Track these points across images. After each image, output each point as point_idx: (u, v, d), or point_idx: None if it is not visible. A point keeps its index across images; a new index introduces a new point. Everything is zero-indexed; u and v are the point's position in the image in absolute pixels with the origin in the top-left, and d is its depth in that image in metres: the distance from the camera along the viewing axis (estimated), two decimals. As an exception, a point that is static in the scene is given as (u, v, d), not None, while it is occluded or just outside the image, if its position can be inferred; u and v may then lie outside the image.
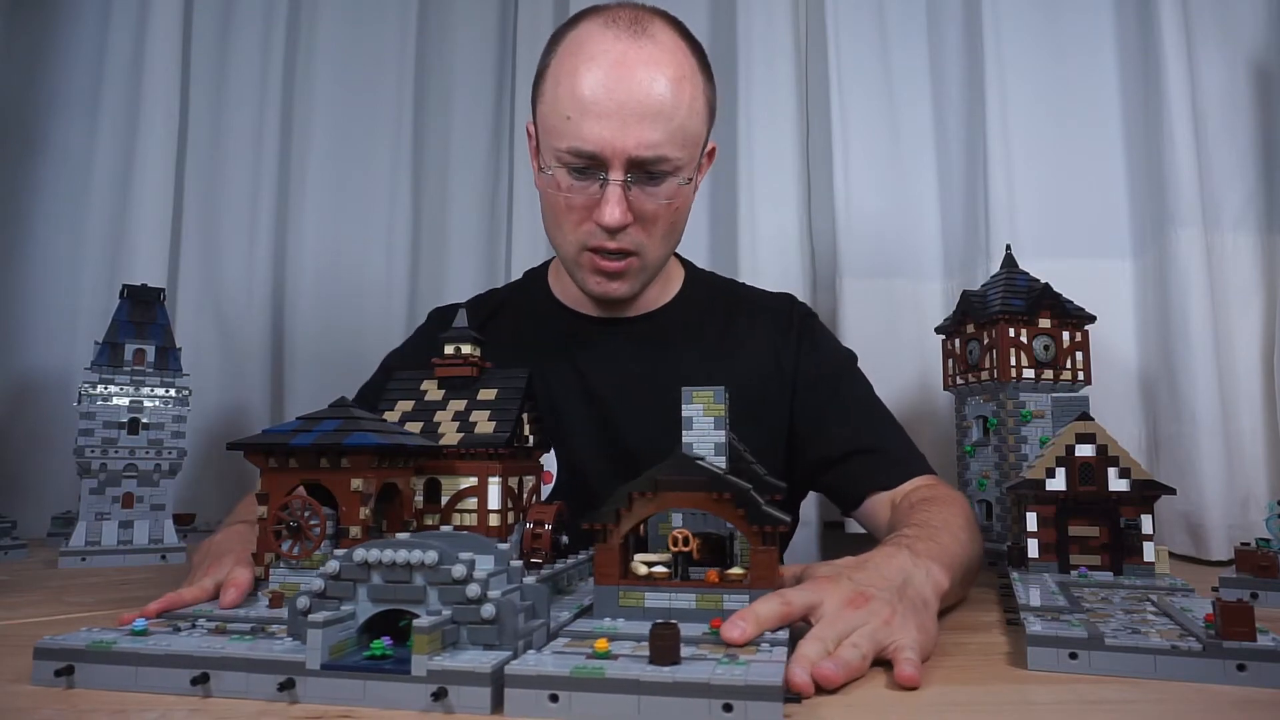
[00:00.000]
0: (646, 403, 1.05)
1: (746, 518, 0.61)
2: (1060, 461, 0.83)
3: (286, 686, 0.51)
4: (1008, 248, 1.32)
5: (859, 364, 1.20)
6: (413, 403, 0.82)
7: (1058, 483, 0.83)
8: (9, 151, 1.68)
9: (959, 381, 1.28)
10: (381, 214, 1.81)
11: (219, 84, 1.77)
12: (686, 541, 0.63)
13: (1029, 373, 1.18)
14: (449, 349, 0.83)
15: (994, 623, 0.77)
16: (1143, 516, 0.82)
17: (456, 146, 1.90)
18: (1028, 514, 0.85)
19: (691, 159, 1.01)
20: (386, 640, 0.53)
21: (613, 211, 0.96)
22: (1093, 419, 0.87)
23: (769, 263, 1.60)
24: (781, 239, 1.62)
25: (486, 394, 0.81)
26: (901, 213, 1.61)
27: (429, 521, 0.76)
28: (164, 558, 1.22)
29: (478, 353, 0.83)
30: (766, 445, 1.12)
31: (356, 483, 0.65)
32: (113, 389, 1.24)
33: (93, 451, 1.22)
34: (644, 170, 0.97)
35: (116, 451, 1.23)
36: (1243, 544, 0.92)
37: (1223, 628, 0.55)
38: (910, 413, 1.52)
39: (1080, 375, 1.21)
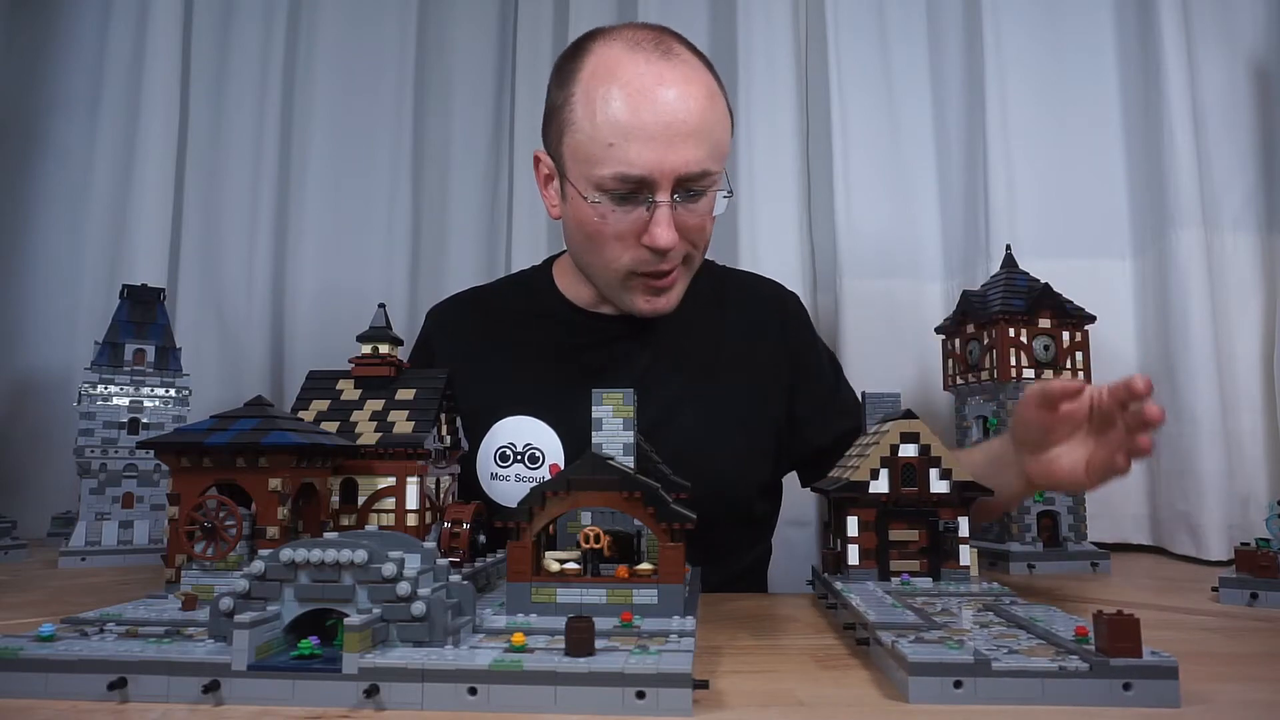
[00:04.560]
0: (660, 395, 1.08)
1: (656, 515, 0.63)
2: (885, 463, 0.78)
3: (211, 689, 0.50)
4: (1008, 248, 1.32)
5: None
6: (328, 402, 0.81)
7: (881, 485, 0.78)
8: (9, 151, 1.68)
9: (959, 381, 1.28)
10: (381, 214, 1.81)
11: (219, 84, 1.77)
12: (598, 539, 0.65)
13: (1029, 373, 1.18)
14: (366, 348, 0.83)
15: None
16: (960, 519, 0.78)
17: (456, 146, 1.90)
18: (848, 518, 0.79)
19: (722, 172, 1.04)
20: (314, 640, 0.52)
21: (665, 234, 0.97)
22: (917, 417, 0.81)
23: (769, 262, 1.60)
24: (781, 239, 1.62)
25: (405, 394, 0.81)
26: (901, 213, 1.61)
27: (345, 522, 0.76)
28: (164, 558, 1.22)
29: (395, 352, 0.83)
30: (768, 431, 1.17)
31: (274, 482, 0.65)
32: (113, 389, 1.24)
33: (93, 451, 1.22)
34: (687, 188, 0.98)
35: (116, 451, 1.23)
36: (1243, 544, 0.92)
37: (1108, 644, 0.51)
38: (910, 413, 1.52)
39: (1080, 375, 1.21)
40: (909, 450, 0.78)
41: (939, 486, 0.78)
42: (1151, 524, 1.40)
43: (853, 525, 0.79)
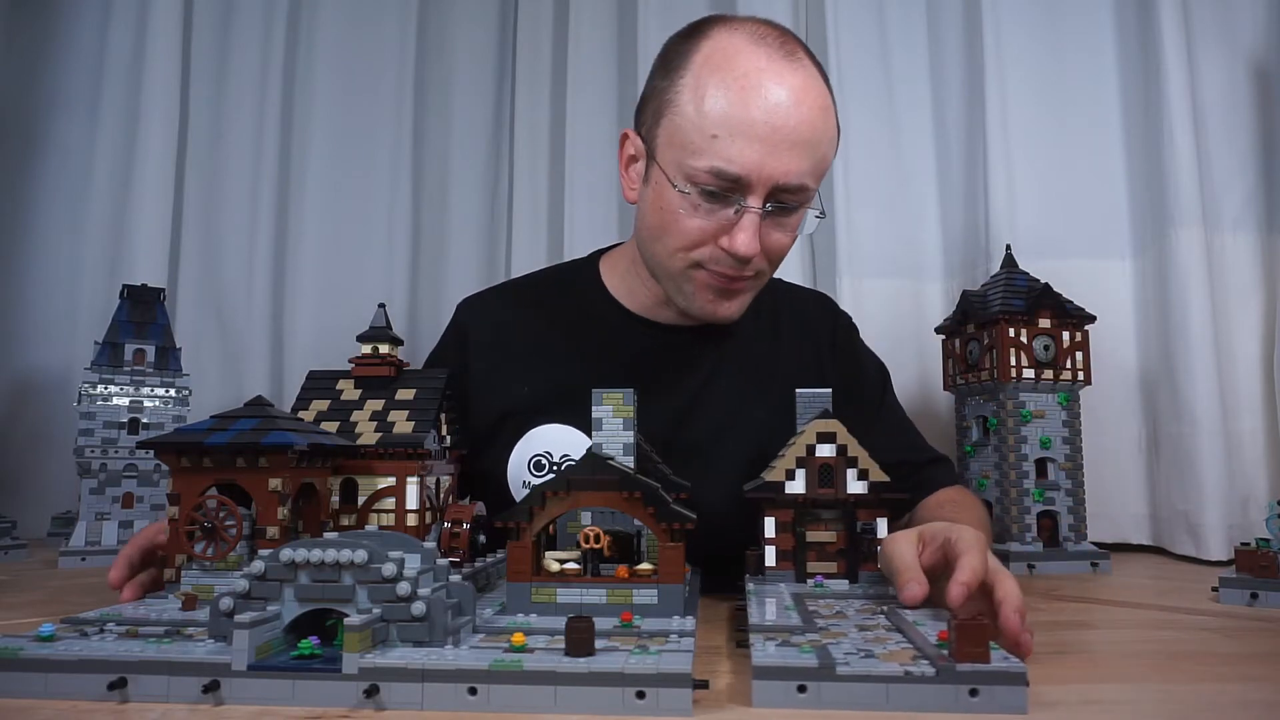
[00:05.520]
0: (711, 407, 1.05)
1: (656, 515, 0.63)
2: (801, 463, 0.77)
3: (211, 689, 0.50)
4: (1008, 248, 1.33)
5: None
6: (328, 402, 0.81)
7: (798, 485, 0.77)
8: (9, 151, 1.68)
9: (959, 381, 1.28)
10: (381, 214, 1.81)
11: (219, 84, 1.77)
12: (598, 539, 0.65)
13: (1029, 373, 1.18)
14: (366, 348, 0.82)
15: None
16: (879, 520, 0.76)
17: (456, 147, 1.90)
18: (765, 519, 0.78)
19: (817, 190, 0.98)
20: (314, 640, 0.52)
21: (748, 242, 0.91)
22: (834, 416, 0.80)
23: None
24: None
25: (405, 394, 0.81)
26: (901, 213, 1.61)
27: (345, 522, 0.76)
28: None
29: (396, 352, 0.83)
30: None
31: (274, 482, 0.65)
32: (113, 389, 1.24)
33: (93, 451, 1.22)
34: (781, 200, 0.93)
35: (116, 451, 1.24)
36: (1243, 544, 0.92)
37: (958, 648, 0.49)
38: (910, 413, 1.51)
39: (1080, 375, 1.21)
40: (826, 450, 0.77)
41: (856, 487, 0.76)
42: (1151, 524, 1.40)
43: (770, 526, 0.78)
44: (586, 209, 1.74)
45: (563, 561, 0.66)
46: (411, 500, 0.76)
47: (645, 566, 0.66)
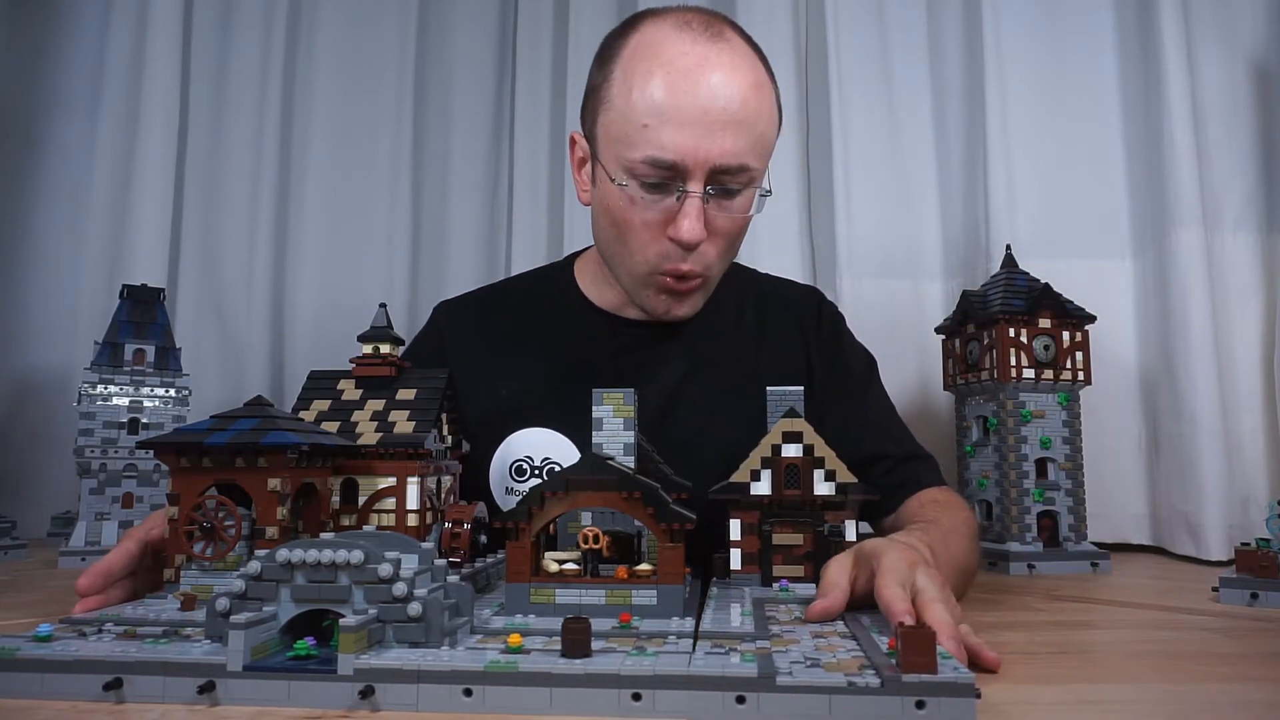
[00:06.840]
0: (693, 402, 1.05)
1: (655, 516, 0.62)
2: (766, 463, 0.75)
3: (207, 689, 0.50)
4: (1008, 248, 1.33)
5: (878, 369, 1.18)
6: (329, 402, 0.81)
7: (763, 486, 0.75)
8: (9, 151, 1.69)
9: (959, 381, 1.28)
10: (381, 214, 1.81)
11: (219, 84, 1.77)
12: (597, 539, 0.65)
13: (1029, 373, 1.18)
14: (367, 348, 0.82)
15: None
16: (846, 522, 0.74)
17: (456, 146, 1.90)
18: (731, 521, 0.77)
19: (764, 170, 0.96)
20: (310, 640, 0.52)
21: (691, 226, 0.91)
22: (800, 416, 0.78)
23: (769, 263, 1.60)
24: (781, 239, 1.62)
25: (405, 394, 0.81)
26: (901, 213, 1.61)
27: (345, 522, 0.76)
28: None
29: (397, 352, 0.83)
30: None
31: (274, 482, 0.65)
32: (113, 389, 1.24)
33: (93, 451, 1.22)
34: (722, 182, 0.92)
35: (116, 451, 1.24)
36: (1243, 544, 0.92)
37: (903, 658, 0.48)
38: (910, 413, 1.52)
39: (1080, 375, 1.21)
40: (792, 450, 0.75)
41: (823, 488, 0.75)
42: (1151, 524, 1.40)
43: (735, 528, 0.77)
44: (586, 209, 1.74)
45: (562, 562, 0.66)
46: (412, 500, 0.76)
47: (644, 567, 0.66)
